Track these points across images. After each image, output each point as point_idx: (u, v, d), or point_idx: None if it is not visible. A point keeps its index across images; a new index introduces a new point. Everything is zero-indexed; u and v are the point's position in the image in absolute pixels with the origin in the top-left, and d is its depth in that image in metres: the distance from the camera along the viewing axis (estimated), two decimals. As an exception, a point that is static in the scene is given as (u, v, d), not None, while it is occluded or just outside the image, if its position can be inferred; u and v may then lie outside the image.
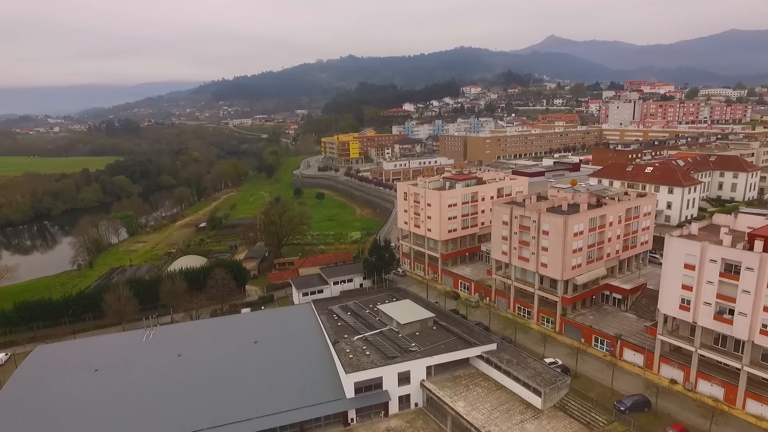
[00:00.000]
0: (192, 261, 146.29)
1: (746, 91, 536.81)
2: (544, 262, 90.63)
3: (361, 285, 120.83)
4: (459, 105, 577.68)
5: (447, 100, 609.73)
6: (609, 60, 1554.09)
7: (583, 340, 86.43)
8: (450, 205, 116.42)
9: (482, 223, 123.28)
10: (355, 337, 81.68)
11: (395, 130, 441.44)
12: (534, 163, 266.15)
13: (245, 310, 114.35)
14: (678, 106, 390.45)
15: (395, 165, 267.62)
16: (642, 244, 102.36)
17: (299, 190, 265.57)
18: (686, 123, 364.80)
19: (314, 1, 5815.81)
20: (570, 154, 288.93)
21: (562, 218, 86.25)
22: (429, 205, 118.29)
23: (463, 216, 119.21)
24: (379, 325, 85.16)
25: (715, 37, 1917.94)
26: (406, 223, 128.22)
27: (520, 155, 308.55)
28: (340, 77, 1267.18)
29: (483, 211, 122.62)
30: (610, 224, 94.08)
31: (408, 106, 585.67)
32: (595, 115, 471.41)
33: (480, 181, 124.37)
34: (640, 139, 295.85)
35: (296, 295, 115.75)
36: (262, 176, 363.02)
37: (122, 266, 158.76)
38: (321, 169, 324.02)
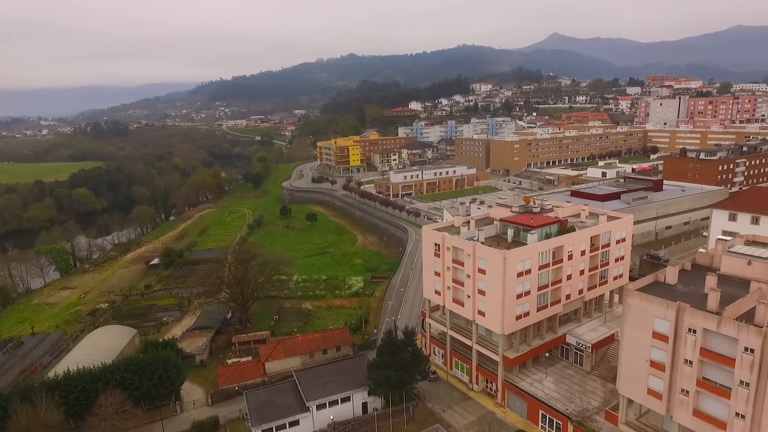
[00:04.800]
0: (108, 339, 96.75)
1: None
2: (775, 443, 40.78)
3: (364, 406, 71.08)
4: (471, 103, 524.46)
5: (457, 98, 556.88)
6: (615, 57, 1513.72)
7: None
8: (520, 274, 66.40)
9: (567, 297, 73.58)
10: None
11: (401, 132, 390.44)
12: (577, 173, 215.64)
13: (163, 459, 65.45)
14: (731, 102, 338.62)
15: (405, 176, 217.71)
16: None
17: (286, 208, 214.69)
18: (740, 121, 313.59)
19: (314, 1, 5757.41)
20: (616, 161, 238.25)
21: None
22: (482, 271, 68.08)
23: (539, 289, 69.19)
24: None
25: (721, 33, 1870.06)
26: (438, 293, 78.08)
27: (553, 162, 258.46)
28: (340, 76, 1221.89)
29: (569, 277, 72.88)
30: None
31: (415, 105, 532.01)
32: (626, 113, 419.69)
33: (563, 227, 74.01)
34: (698, 142, 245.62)
35: (252, 434, 65.95)
36: (248, 187, 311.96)
37: (18, 337, 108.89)
38: (315, 180, 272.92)
